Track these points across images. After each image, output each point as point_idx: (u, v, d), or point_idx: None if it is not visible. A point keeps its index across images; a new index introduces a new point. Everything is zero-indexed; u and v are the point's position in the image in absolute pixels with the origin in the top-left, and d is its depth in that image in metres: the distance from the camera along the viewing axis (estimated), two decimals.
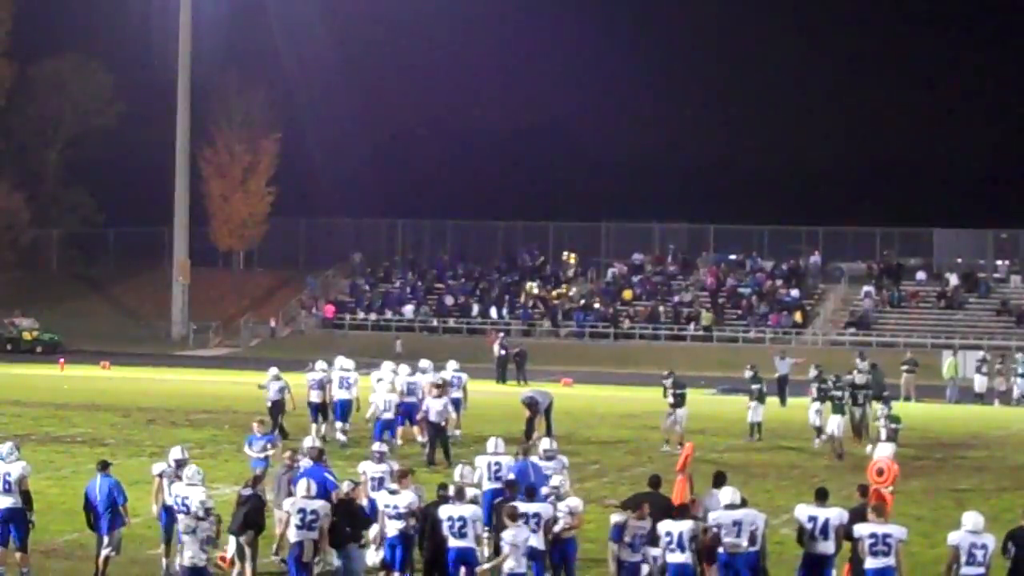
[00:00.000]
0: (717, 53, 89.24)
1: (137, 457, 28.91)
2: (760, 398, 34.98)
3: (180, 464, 18.88)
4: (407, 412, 31.63)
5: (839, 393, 32.77)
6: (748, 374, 36.10)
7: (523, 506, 17.60)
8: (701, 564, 17.14)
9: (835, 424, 31.95)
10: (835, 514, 16.98)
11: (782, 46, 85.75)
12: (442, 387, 30.59)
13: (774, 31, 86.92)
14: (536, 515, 17.57)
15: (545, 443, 21.52)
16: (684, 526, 16.75)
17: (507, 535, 16.85)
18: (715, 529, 16.89)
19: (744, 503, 17.38)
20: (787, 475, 28.92)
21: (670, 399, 33.20)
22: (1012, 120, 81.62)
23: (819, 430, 33.33)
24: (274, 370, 33.29)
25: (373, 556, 18.49)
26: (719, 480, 18.41)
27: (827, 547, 16.84)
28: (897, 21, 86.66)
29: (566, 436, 32.85)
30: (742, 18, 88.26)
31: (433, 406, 29.54)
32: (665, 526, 16.82)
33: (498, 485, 19.96)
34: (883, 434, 28.54)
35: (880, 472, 20.49)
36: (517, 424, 36.84)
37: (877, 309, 66.23)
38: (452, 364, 33.89)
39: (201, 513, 16.65)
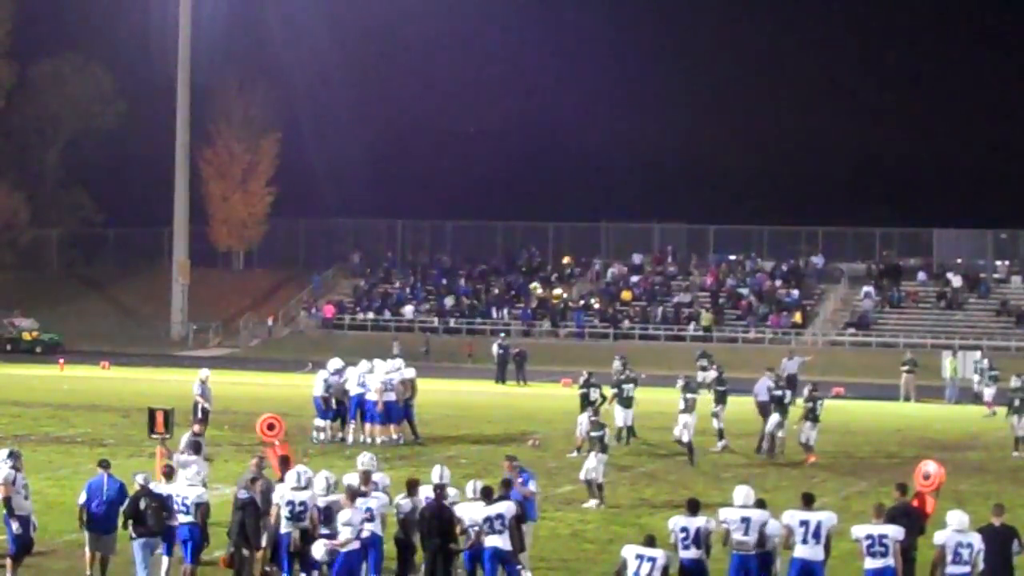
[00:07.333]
0: (717, 53, 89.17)
1: (137, 457, 28.87)
2: (690, 408, 31.44)
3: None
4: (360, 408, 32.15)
5: (781, 393, 32.11)
6: (680, 382, 32.49)
7: (487, 508, 17.54)
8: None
9: (774, 423, 31.70)
10: (826, 517, 16.83)
11: (782, 46, 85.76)
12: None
13: (774, 32, 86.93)
14: (500, 516, 17.46)
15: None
16: (699, 522, 16.62)
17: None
18: (724, 525, 16.81)
19: (760, 504, 17.24)
20: (787, 475, 28.91)
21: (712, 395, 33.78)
22: (1012, 120, 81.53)
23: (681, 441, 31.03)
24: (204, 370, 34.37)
25: (321, 550, 17.96)
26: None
27: (817, 552, 16.58)
28: (897, 21, 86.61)
29: (565, 437, 32.84)
30: (742, 19, 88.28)
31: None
32: (680, 522, 16.66)
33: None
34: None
35: (927, 476, 20.29)
36: (516, 424, 36.96)
37: (877, 309, 66.22)
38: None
39: None
